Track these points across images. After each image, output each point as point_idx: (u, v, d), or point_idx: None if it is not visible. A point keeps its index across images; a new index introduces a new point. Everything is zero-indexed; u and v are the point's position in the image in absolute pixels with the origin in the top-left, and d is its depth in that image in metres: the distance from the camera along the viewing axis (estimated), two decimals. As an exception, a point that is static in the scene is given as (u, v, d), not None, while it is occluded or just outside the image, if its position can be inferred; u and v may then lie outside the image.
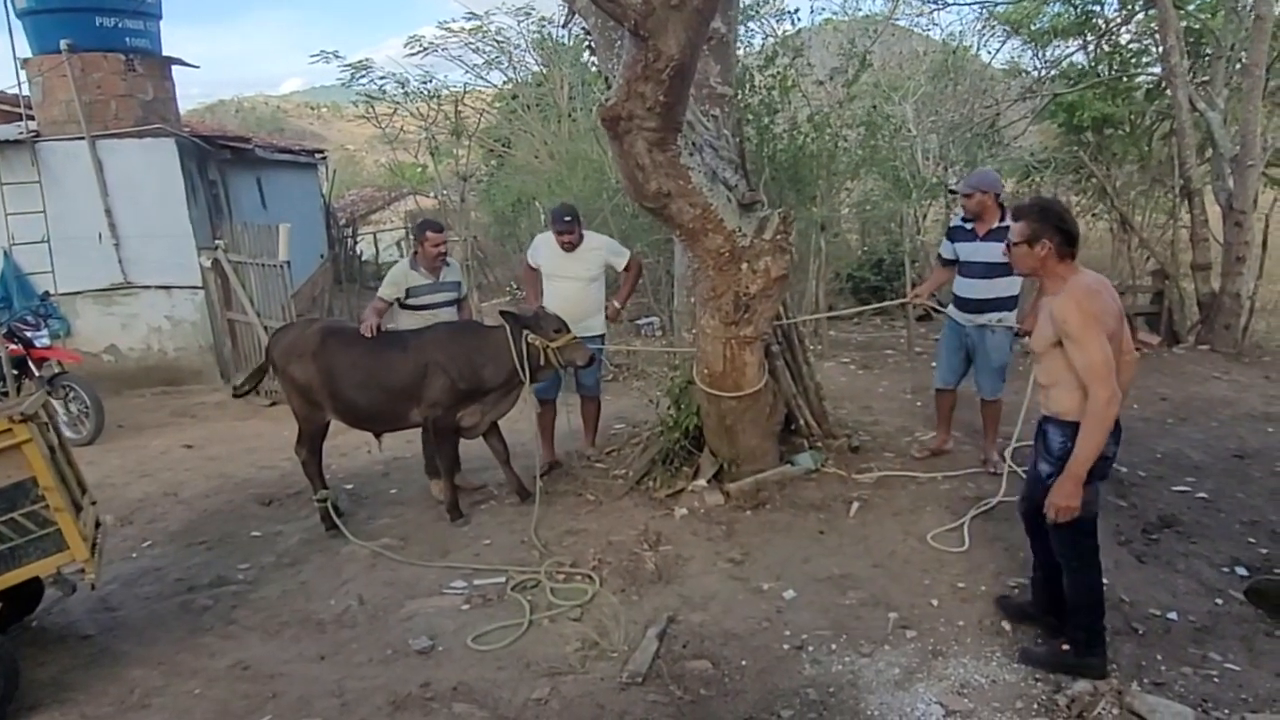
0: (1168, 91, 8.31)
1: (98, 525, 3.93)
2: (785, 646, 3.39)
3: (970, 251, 4.78)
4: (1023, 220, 3.01)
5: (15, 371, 6.90)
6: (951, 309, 4.95)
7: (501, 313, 4.75)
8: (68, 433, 6.91)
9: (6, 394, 6.69)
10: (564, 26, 5.76)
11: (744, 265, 4.32)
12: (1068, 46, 11.03)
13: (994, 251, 4.42)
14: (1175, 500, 4.61)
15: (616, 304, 5.34)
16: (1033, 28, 11.12)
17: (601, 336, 5.35)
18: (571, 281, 5.16)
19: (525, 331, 4.57)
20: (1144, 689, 3.04)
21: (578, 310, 5.03)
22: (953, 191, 5.48)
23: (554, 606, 3.79)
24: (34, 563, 3.35)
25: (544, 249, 5.26)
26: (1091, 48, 10.78)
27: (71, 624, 4.00)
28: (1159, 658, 3.23)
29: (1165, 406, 6.22)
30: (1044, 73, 10.97)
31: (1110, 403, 2.81)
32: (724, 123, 4.83)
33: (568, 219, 5.08)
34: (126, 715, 3.24)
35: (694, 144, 4.49)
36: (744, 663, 3.30)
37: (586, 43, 5.71)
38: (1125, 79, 9.88)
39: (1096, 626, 3.13)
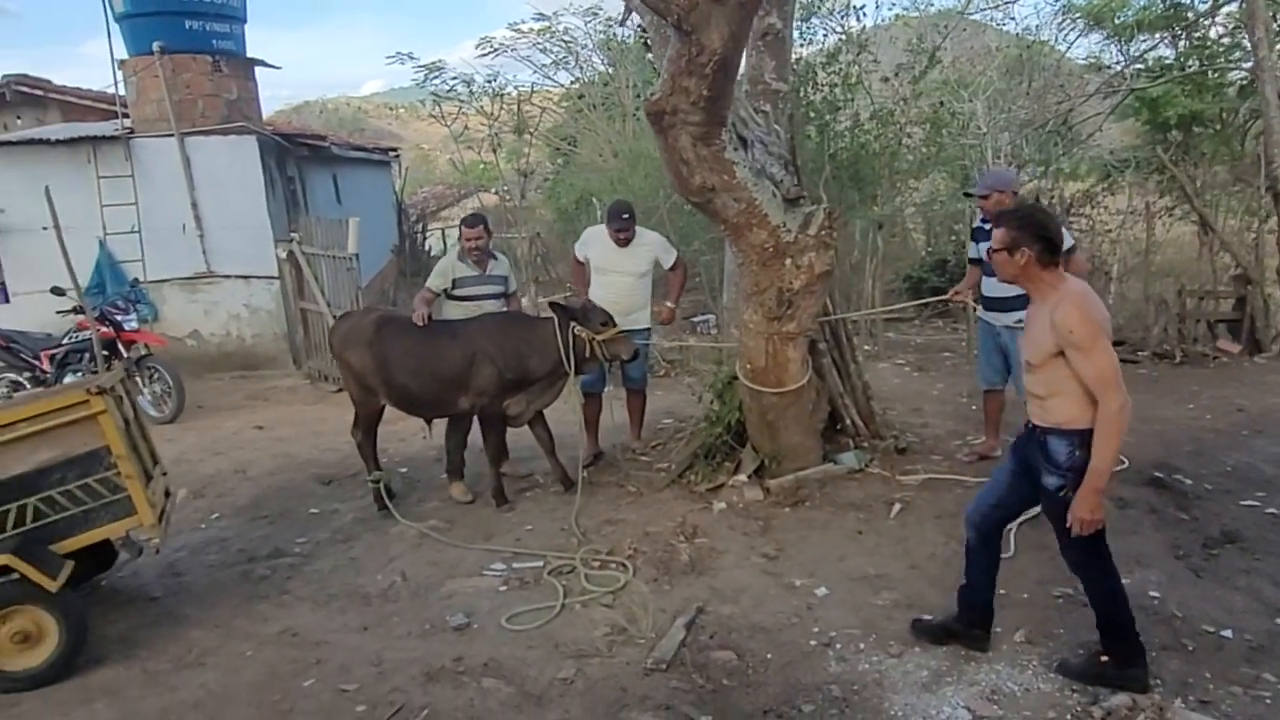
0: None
1: (167, 495, 4.19)
2: (812, 643, 3.38)
3: None
4: (1003, 227, 2.93)
5: (106, 353, 7.34)
6: (980, 309, 4.91)
7: (550, 304, 4.85)
8: (152, 411, 7.37)
9: (97, 373, 7.14)
10: (621, 24, 5.82)
11: (788, 260, 4.32)
12: (1153, 40, 10.56)
13: None
14: (1242, 515, 4.40)
15: (670, 304, 5.39)
16: (1116, 21, 10.69)
17: (647, 330, 5.41)
18: (622, 276, 5.24)
19: (572, 323, 4.66)
20: (1188, 706, 2.92)
21: (625, 304, 5.10)
22: (968, 194, 5.40)
23: (587, 592, 3.87)
24: (105, 525, 3.61)
25: (595, 243, 5.35)
26: (1181, 42, 10.30)
27: (141, 586, 4.28)
28: (1207, 675, 3.10)
29: (1241, 418, 5.93)
30: (1125, 68, 10.52)
31: (1123, 409, 2.73)
32: (775, 119, 4.83)
33: (625, 216, 5.18)
34: (183, 672, 3.45)
35: (743, 139, 4.51)
36: (769, 656, 3.30)
37: (643, 39, 5.79)
38: (1213, 74, 9.41)
39: (1131, 635, 3.03)
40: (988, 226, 4.65)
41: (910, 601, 3.63)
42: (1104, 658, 3.07)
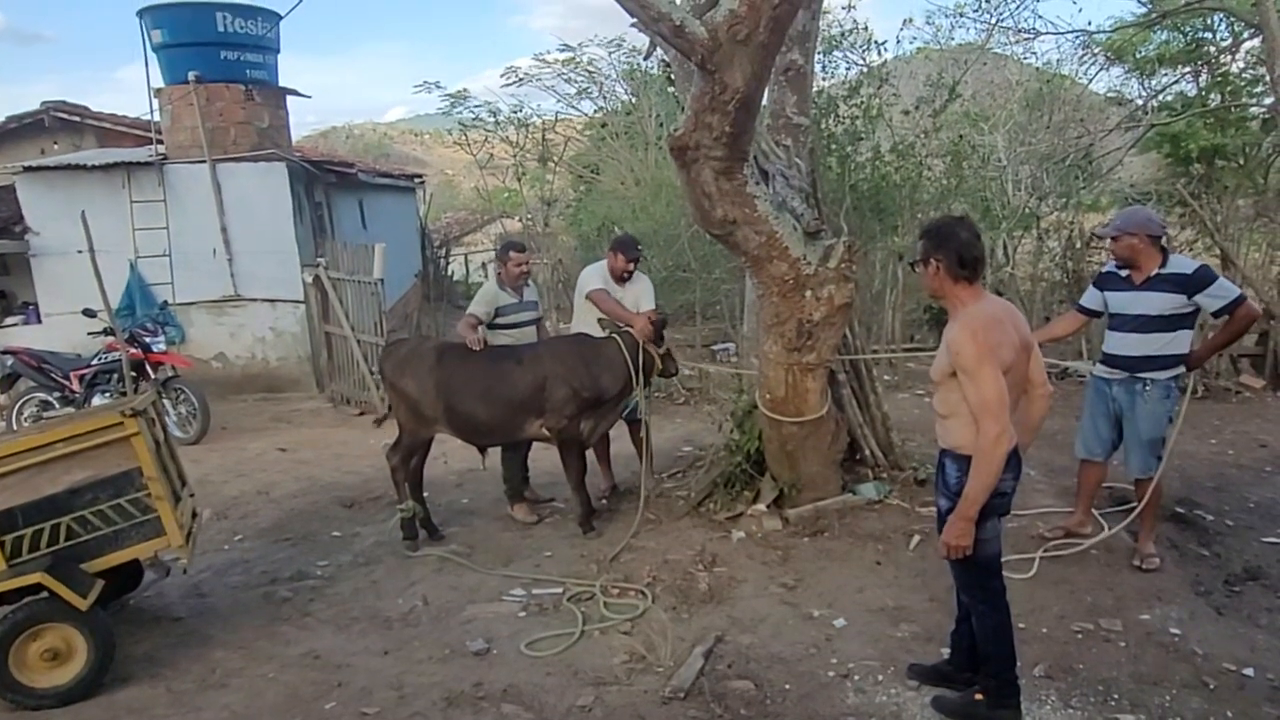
0: (1280, 122, 7.91)
1: (194, 516, 4.26)
2: (830, 674, 3.39)
3: (1123, 302, 4.15)
4: (921, 239, 2.94)
5: (134, 373, 7.50)
6: (1098, 366, 4.37)
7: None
8: (177, 432, 7.48)
9: (125, 393, 7.29)
10: (645, 58, 5.96)
11: (808, 293, 4.37)
12: (1174, 75, 10.61)
13: (1153, 302, 4.02)
14: (1265, 552, 4.37)
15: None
16: (1137, 56, 10.75)
17: None
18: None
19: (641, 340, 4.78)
20: (1209, 745, 2.91)
21: None
22: (1097, 236, 4.87)
23: (606, 619, 3.89)
24: (135, 545, 3.68)
25: (597, 279, 5.20)
26: (1202, 77, 10.34)
27: (166, 606, 4.35)
28: (1229, 714, 3.08)
29: (1264, 454, 5.88)
30: (1147, 102, 10.58)
31: (999, 439, 2.66)
32: (796, 152, 4.91)
33: (640, 247, 5.27)
34: (207, 693, 3.50)
35: (764, 172, 4.58)
36: (787, 686, 3.31)
37: (667, 73, 5.91)
38: (1235, 109, 9.43)
39: (1008, 675, 3.01)
40: (1124, 273, 4.18)
41: (929, 634, 3.62)
42: (979, 695, 3.05)
